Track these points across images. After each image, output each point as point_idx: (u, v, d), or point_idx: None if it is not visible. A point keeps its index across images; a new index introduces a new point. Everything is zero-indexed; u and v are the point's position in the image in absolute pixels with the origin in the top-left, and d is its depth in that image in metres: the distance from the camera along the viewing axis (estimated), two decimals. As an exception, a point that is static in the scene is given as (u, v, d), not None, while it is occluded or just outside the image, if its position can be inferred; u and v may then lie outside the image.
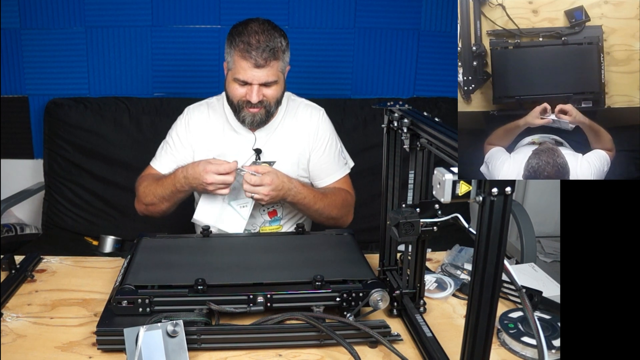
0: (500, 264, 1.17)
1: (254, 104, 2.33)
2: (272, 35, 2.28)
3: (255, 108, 2.35)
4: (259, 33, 2.27)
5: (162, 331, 1.45)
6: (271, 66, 2.28)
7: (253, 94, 2.30)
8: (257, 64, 2.25)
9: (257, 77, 2.28)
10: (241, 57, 2.26)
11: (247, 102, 2.34)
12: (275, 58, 2.28)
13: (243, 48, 2.25)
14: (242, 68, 2.27)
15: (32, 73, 3.66)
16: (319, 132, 2.54)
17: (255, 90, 2.30)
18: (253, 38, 2.25)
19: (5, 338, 1.58)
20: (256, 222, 2.54)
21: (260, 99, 2.33)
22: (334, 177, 2.58)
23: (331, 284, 1.70)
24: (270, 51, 2.25)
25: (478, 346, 1.24)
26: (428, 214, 1.54)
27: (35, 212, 3.89)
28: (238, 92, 2.34)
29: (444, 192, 1.21)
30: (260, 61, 2.25)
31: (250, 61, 2.25)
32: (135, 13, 3.58)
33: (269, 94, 2.34)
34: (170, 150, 2.54)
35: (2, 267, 1.94)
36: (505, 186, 1.12)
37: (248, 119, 2.39)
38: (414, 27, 3.75)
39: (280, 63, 2.32)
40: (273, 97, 2.36)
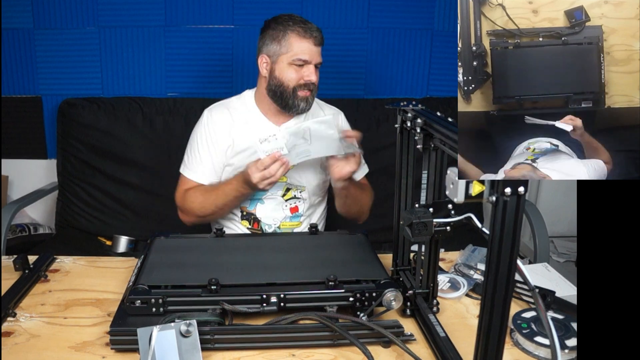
0: (514, 264, 1.17)
1: (308, 85, 2.43)
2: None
3: (307, 91, 2.45)
4: (304, 21, 2.42)
5: (175, 331, 1.45)
6: (322, 47, 2.45)
7: (312, 73, 2.42)
8: (316, 41, 2.40)
9: (315, 55, 2.42)
10: (301, 36, 2.39)
11: (301, 85, 2.43)
12: (323, 41, 2.44)
13: (301, 29, 2.39)
14: (299, 47, 2.39)
15: (46, 73, 3.67)
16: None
17: (313, 70, 2.42)
18: (305, 23, 2.41)
19: (19, 338, 1.59)
20: (277, 216, 2.54)
21: (313, 81, 2.44)
22: (356, 176, 2.56)
23: (344, 283, 1.70)
24: (320, 33, 2.42)
25: (491, 346, 1.24)
26: (441, 214, 1.54)
27: (48, 212, 3.90)
28: (295, 75, 2.42)
29: (457, 192, 1.21)
30: (320, 39, 2.41)
31: (310, 40, 2.39)
32: (148, 13, 3.59)
33: (317, 76, 2.47)
34: (203, 158, 2.54)
35: (16, 267, 1.95)
36: (519, 186, 1.11)
37: (302, 104, 2.47)
38: (427, 27, 3.74)
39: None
40: (318, 79, 2.48)
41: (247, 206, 2.55)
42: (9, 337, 1.58)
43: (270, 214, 2.53)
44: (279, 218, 2.55)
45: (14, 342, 1.56)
